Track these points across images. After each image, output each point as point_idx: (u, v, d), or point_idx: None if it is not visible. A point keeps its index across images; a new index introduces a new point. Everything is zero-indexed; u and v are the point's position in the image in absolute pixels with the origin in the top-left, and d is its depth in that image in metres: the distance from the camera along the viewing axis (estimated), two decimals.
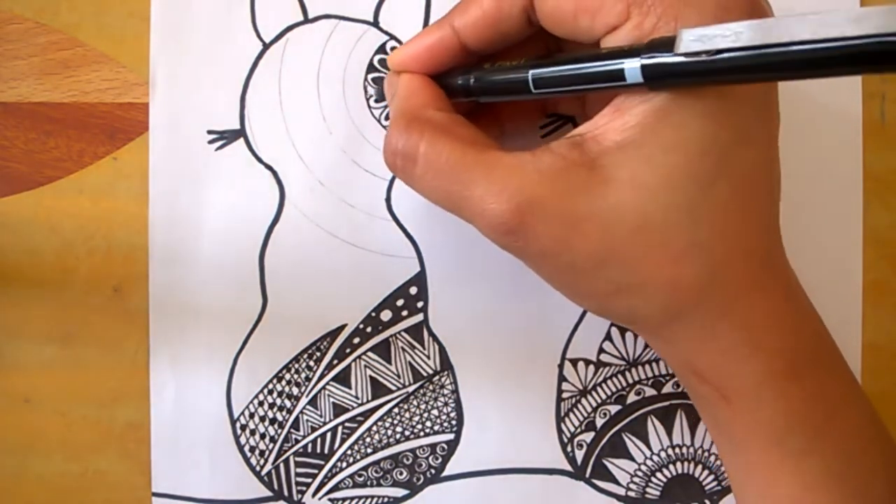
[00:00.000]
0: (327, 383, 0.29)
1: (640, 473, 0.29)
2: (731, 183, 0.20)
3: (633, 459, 0.29)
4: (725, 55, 0.17)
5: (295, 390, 0.29)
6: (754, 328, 0.21)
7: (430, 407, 0.29)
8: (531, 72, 0.22)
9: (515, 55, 0.24)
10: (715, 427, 0.24)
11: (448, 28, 0.24)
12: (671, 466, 0.29)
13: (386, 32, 0.29)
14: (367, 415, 0.29)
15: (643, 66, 0.19)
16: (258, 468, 0.29)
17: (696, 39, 0.18)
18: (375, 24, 0.29)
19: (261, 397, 0.29)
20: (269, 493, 0.29)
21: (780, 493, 0.22)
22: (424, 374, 0.29)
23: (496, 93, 0.24)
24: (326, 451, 0.29)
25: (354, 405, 0.29)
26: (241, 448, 0.29)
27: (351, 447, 0.29)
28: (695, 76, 0.18)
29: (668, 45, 0.18)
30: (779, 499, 0.22)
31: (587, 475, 0.29)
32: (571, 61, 0.21)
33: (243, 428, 0.29)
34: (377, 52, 0.29)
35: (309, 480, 0.29)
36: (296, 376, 0.29)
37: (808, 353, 0.22)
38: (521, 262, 0.22)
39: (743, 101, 0.20)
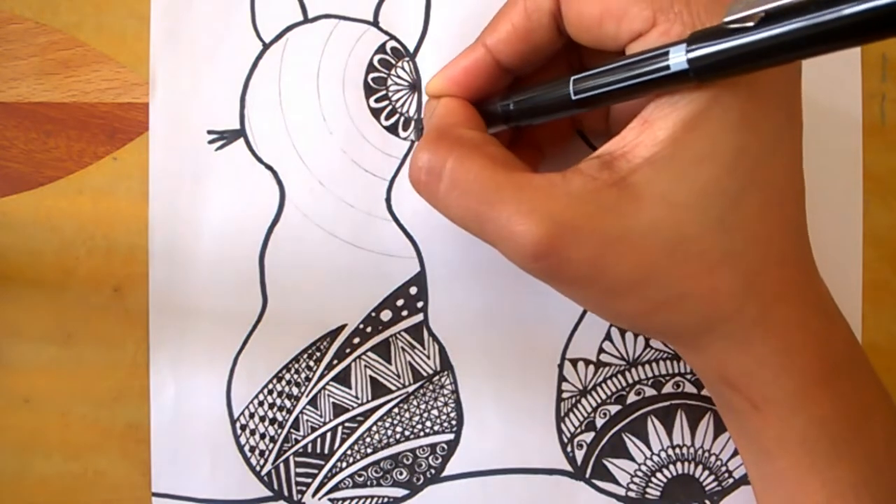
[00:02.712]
0: (327, 383, 0.29)
1: (640, 473, 0.29)
2: (761, 191, 0.20)
3: (633, 459, 0.29)
4: (774, 28, 0.17)
5: (295, 390, 0.29)
6: (788, 336, 0.21)
7: (430, 407, 0.29)
8: (572, 78, 0.22)
9: (545, 77, 0.24)
10: (742, 436, 0.24)
11: (481, 48, 0.24)
12: (671, 466, 0.29)
13: (386, 32, 0.29)
14: (367, 415, 0.29)
15: (689, 57, 0.18)
16: (258, 468, 0.29)
17: (745, 6, 0.17)
18: (375, 24, 0.29)
19: (261, 397, 0.29)
20: (269, 493, 0.29)
21: (808, 501, 0.22)
22: (424, 374, 0.29)
23: (536, 112, 0.24)
24: (326, 451, 0.29)
25: (354, 405, 0.29)
26: (241, 448, 0.29)
27: (351, 447, 0.29)
28: (743, 59, 0.18)
29: (711, 35, 0.18)
30: None
31: (587, 475, 0.29)
32: (611, 63, 0.21)
33: (243, 428, 0.29)
34: (377, 52, 0.29)
35: (309, 480, 0.29)
36: (296, 376, 0.29)
37: (839, 360, 0.22)
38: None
39: (771, 109, 0.20)
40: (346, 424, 0.29)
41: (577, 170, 0.21)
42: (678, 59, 0.19)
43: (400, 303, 0.29)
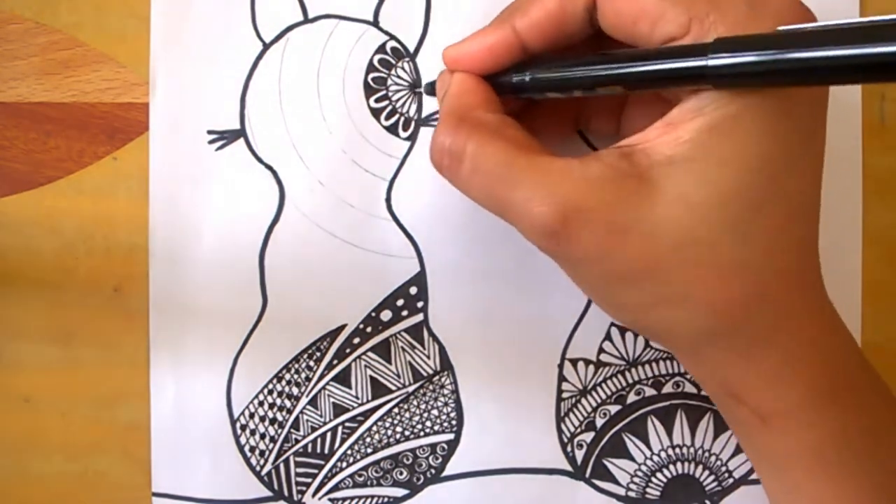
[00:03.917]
0: (327, 383, 0.29)
1: (640, 473, 0.29)
2: (781, 204, 0.20)
3: (633, 459, 0.29)
4: (803, 53, 0.17)
5: (295, 390, 0.29)
6: (795, 353, 0.21)
7: (430, 407, 0.29)
8: (602, 53, 0.22)
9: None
10: (753, 449, 0.24)
11: (509, 29, 0.23)
12: (671, 466, 0.29)
13: (386, 32, 0.29)
14: (367, 415, 0.29)
15: (724, 63, 0.18)
16: (258, 468, 0.29)
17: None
18: (375, 23, 0.29)
19: (261, 397, 0.29)
20: (269, 493, 0.29)
21: None
22: (424, 374, 0.29)
23: (555, 87, 0.23)
24: (326, 451, 0.29)
25: (354, 405, 0.29)
26: (241, 448, 0.29)
27: (351, 447, 0.29)
28: (765, 76, 0.18)
29: (738, 45, 0.18)
30: None
31: (587, 475, 0.29)
32: (643, 49, 0.21)
33: (243, 428, 0.29)
34: (377, 52, 0.29)
35: (309, 480, 0.29)
36: (296, 376, 0.29)
37: (848, 374, 0.22)
38: (521, 262, 0.22)
39: (798, 122, 0.20)
40: (346, 424, 0.29)
41: (596, 156, 0.21)
42: (717, 61, 0.18)
43: (400, 303, 0.29)
